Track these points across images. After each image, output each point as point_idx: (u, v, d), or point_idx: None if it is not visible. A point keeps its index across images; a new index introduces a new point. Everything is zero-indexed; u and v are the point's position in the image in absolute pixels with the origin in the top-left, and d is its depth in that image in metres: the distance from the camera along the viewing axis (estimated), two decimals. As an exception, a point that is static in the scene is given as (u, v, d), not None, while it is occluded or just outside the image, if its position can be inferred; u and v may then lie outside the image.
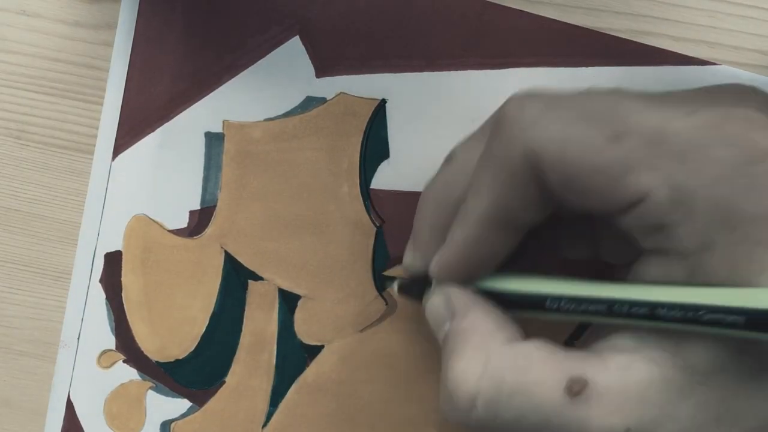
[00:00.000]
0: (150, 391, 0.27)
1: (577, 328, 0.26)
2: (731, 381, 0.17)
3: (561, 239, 0.22)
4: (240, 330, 0.27)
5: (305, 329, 0.27)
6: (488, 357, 0.19)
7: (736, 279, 0.16)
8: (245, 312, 0.27)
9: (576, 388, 0.17)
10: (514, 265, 0.21)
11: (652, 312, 0.17)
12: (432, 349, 0.27)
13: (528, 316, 0.21)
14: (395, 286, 0.24)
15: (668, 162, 0.16)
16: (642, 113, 0.16)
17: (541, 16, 0.26)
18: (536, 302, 0.20)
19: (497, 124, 0.18)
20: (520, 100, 0.18)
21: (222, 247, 0.27)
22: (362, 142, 0.26)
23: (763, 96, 0.18)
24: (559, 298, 0.19)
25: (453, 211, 0.21)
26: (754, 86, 0.19)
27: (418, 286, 0.23)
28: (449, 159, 0.22)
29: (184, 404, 0.27)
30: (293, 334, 0.27)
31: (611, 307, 0.18)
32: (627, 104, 0.17)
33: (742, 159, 0.16)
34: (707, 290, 0.16)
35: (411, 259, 0.23)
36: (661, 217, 0.16)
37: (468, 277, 0.21)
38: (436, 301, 0.21)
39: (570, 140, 0.17)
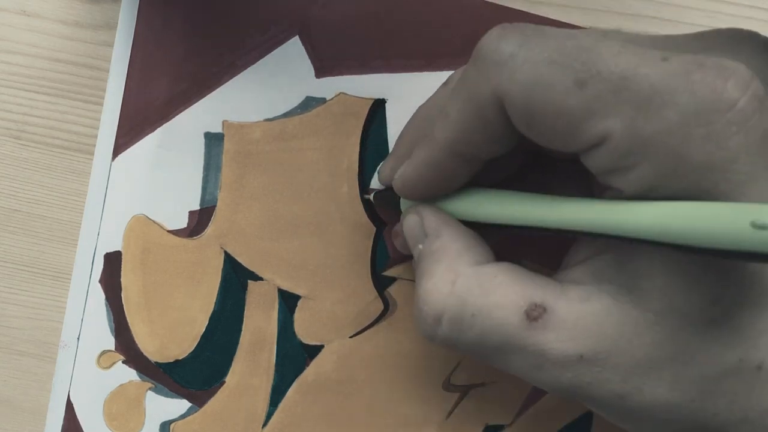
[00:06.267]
0: (149, 392, 0.27)
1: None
2: (687, 323, 0.17)
3: (553, 183, 0.22)
4: (240, 330, 0.27)
5: (305, 329, 0.27)
6: (456, 277, 0.19)
7: None
8: (245, 312, 0.27)
9: (535, 314, 0.18)
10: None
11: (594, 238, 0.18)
12: (432, 349, 0.27)
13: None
14: (371, 196, 0.26)
15: (630, 109, 0.16)
16: (614, 57, 0.16)
17: (541, 16, 0.26)
18: (494, 227, 0.20)
19: (473, 56, 0.18)
20: (498, 34, 0.18)
21: (222, 248, 0.27)
22: (360, 142, 0.26)
23: (760, 42, 0.18)
24: (509, 227, 0.20)
25: None
26: (754, 32, 0.19)
27: (390, 197, 0.24)
28: (445, 82, 0.23)
29: (183, 404, 0.27)
30: (293, 334, 0.27)
31: (561, 231, 0.19)
32: (602, 47, 0.16)
33: (703, 108, 0.15)
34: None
35: (384, 169, 0.24)
36: (617, 160, 0.17)
37: (425, 196, 0.22)
38: (411, 220, 0.22)
39: (536, 84, 0.17)
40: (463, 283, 0.19)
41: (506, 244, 0.23)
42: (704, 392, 0.17)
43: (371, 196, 0.26)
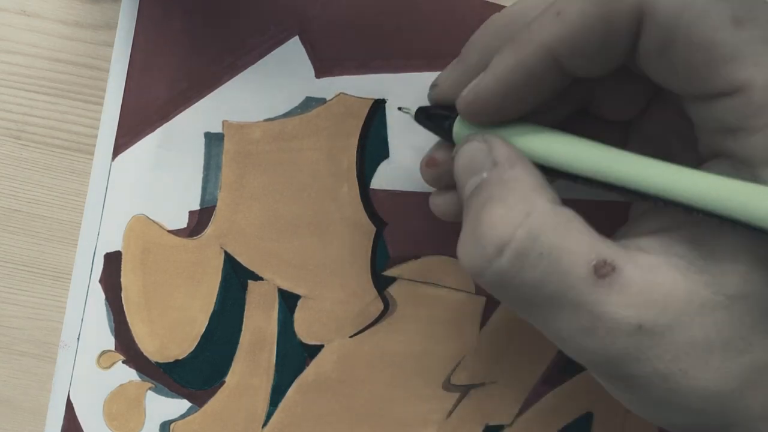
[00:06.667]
0: (149, 392, 0.27)
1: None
2: (754, 311, 0.16)
3: (609, 94, 0.21)
4: (240, 330, 0.27)
5: (305, 329, 0.27)
6: (531, 210, 0.17)
7: None
8: (245, 312, 0.27)
9: (603, 271, 0.17)
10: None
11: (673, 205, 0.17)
12: (432, 349, 0.27)
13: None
14: (413, 111, 0.22)
15: None
16: None
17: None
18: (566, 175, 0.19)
19: None
20: None
21: (222, 248, 0.27)
22: (359, 142, 0.26)
23: None
24: (584, 178, 0.18)
25: None
26: None
27: (440, 117, 0.21)
28: None
29: (183, 404, 0.27)
30: (293, 334, 0.27)
31: (647, 195, 0.17)
32: None
33: None
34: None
35: (443, 81, 0.21)
36: (744, 118, 0.15)
37: (492, 118, 0.19)
38: (475, 146, 0.19)
39: (692, 5, 0.15)
40: (538, 219, 0.17)
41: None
42: (747, 381, 0.16)
43: (412, 112, 0.22)
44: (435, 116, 0.22)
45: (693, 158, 0.18)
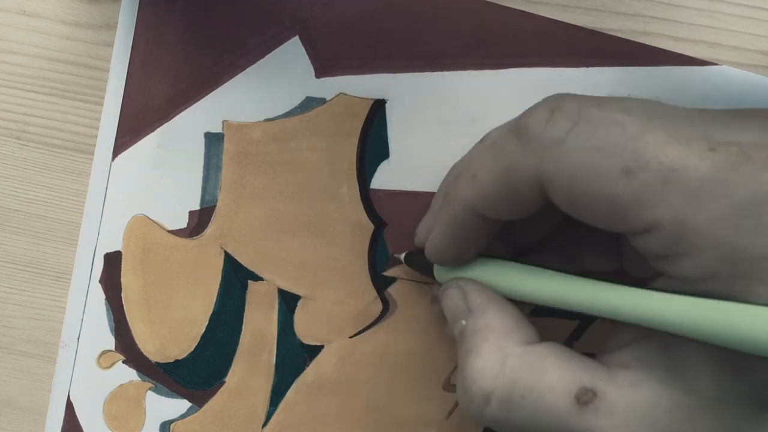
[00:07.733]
0: (149, 392, 0.27)
1: (578, 327, 0.26)
2: (736, 411, 0.17)
3: (584, 250, 0.22)
4: (240, 330, 0.27)
5: (305, 329, 0.27)
6: (505, 357, 0.19)
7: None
8: (245, 312, 0.27)
9: (585, 398, 0.18)
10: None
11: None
12: (432, 349, 0.27)
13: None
14: (402, 256, 0.25)
15: (678, 199, 0.16)
16: (661, 147, 0.16)
17: (541, 16, 0.26)
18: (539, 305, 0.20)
19: (517, 129, 0.18)
20: (546, 117, 0.18)
21: (222, 248, 0.27)
22: (359, 142, 0.26)
23: None
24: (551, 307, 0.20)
25: None
26: None
27: (423, 260, 0.24)
28: (482, 139, 0.23)
29: (183, 404, 0.27)
30: (293, 335, 0.27)
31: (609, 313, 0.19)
32: (648, 136, 0.17)
33: (752, 200, 0.16)
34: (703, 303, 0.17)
35: (420, 229, 0.24)
36: (667, 247, 0.17)
37: (453, 258, 0.22)
38: (453, 294, 0.22)
39: (583, 169, 0.17)
40: (512, 363, 0.19)
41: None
42: None
43: (402, 257, 0.25)
44: (418, 260, 0.24)
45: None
